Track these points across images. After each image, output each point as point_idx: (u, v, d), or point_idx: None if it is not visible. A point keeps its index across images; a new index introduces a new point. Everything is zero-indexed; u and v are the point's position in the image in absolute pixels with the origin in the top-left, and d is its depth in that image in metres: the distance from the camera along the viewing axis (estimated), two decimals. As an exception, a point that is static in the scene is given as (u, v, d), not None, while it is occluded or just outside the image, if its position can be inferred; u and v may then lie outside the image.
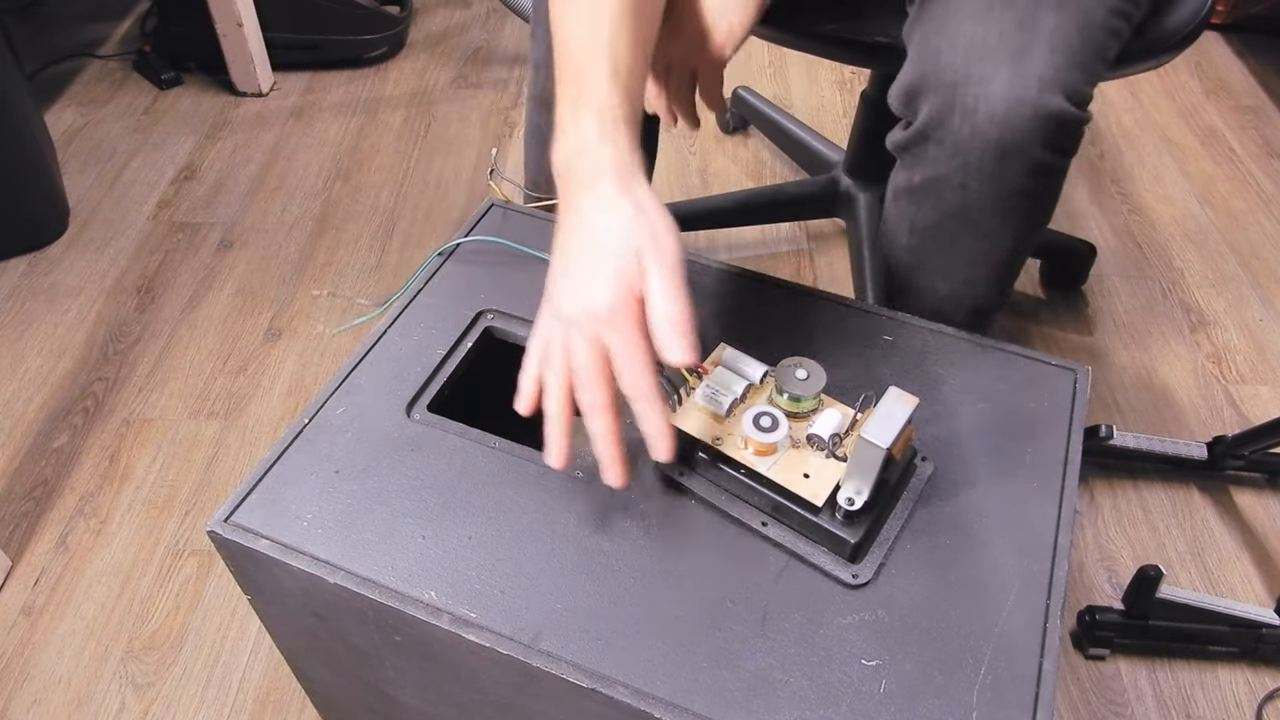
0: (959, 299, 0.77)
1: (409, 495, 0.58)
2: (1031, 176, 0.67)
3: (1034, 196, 0.70)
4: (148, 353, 1.20)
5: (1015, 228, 0.71)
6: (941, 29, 0.66)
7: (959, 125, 0.66)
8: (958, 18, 0.66)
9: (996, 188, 0.68)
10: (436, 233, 1.38)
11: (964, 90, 0.65)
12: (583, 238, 0.55)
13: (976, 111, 0.65)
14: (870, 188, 1.24)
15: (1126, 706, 0.88)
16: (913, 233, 0.76)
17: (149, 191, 1.45)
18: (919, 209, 0.74)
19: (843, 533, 0.54)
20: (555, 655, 0.51)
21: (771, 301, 0.71)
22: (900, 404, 0.53)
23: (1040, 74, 0.63)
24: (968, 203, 0.70)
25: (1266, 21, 1.77)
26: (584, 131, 0.56)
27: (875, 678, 0.50)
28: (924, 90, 0.67)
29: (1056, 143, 0.66)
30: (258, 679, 0.89)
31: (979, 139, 0.66)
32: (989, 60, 0.64)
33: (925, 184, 0.71)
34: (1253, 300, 1.29)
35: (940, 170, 0.69)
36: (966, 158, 0.67)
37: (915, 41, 0.69)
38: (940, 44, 0.66)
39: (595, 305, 0.53)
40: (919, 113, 0.69)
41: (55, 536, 1.00)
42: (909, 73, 0.69)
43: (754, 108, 1.50)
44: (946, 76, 0.65)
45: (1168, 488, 1.06)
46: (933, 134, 0.68)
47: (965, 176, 0.68)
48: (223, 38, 1.57)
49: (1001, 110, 0.64)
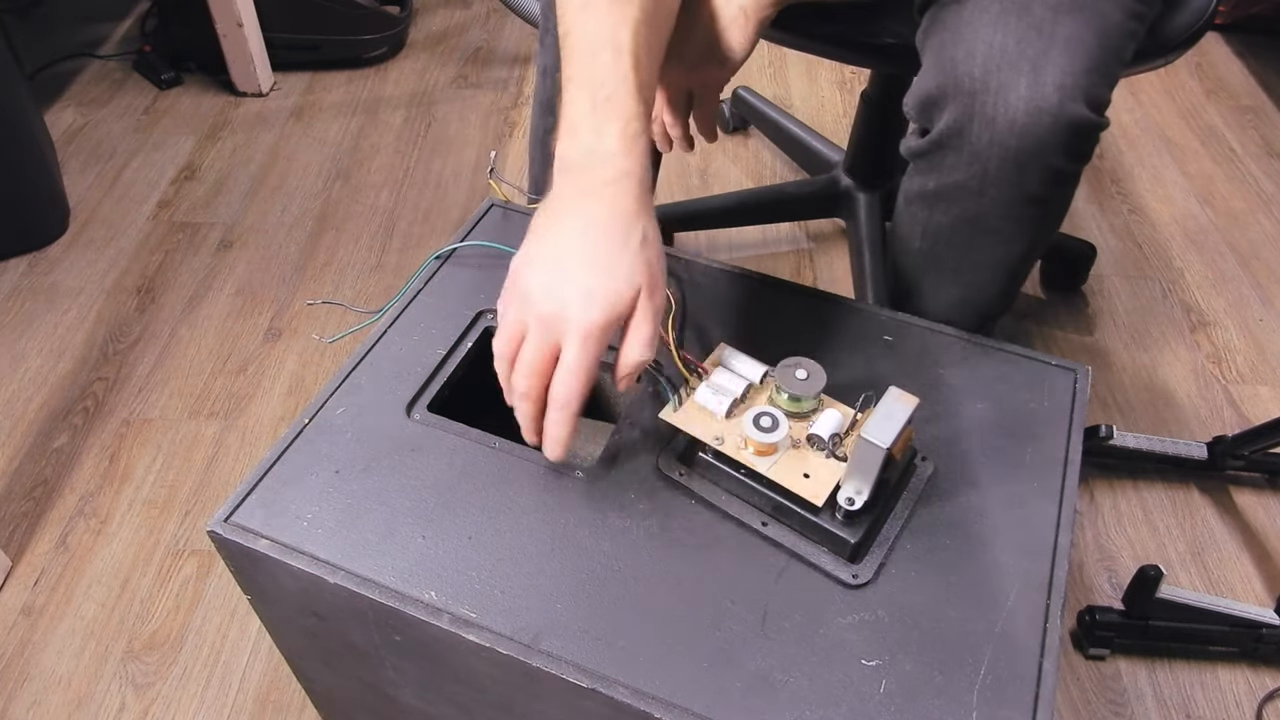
0: (968, 304, 0.77)
1: (409, 495, 0.58)
2: (1048, 184, 0.67)
3: (1049, 203, 0.70)
4: (148, 353, 1.20)
5: (1029, 234, 0.71)
6: (958, 38, 0.66)
7: (978, 134, 0.66)
8: (974, 26, 0.65)
9: (1013, 195, 0.68)
10: (436, 233, 1.38)
11: (983, 99, 0.64)
12: (586, 243, 0.55)
13: (996, 120, 0.64)
14: (870, 188, 1.24)
15: (1126, 706, 0.88)
16: (925, 237, 0.76)
17: (149, 191, 1.45)
18: (933, 214, 0.74)
19: (843, 533, 0.54)
20: (555, 655, 0.51)
21: (771, 301, 0.71)
22: (900, 404, 0.53)
23: (1060, 82, 0.63)
24: (984, 209, 0.70)
25: (1266, 21, 1.77)
26: (605, 137, 0.56)
27: (875, 678, 0.50)
28: (942, 99, 0.67)
29: (1075, 149, 0.65)
30: (258, 679, 0.89)
31: (998, 147, 0.65)
32: (1007, 69, 0.63)
33: (941, 190, 0.71)
34: (1253, 300, 1.29)
35: (957, 177, 0.69)
36: (985, 165, 0.67)
37: (931, 50, 0.69)
38: (957, 53, 0.66)
39: (574, 317, 0.53)
40: (937, 121, 0.68)
41: (55, 536, 1.00)
42: (926, 81, 0.69)
43: (754, 108, 1.50)
44: (965, 85, 0.65)
45: (1168, 488, 1.06)
46: (950, 142, 0.68)
47: (983, 184, 0.68)
48: (223, 38, 1.57)
49: (1022, 119, 0.64)
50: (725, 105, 1.56)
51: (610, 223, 0.55)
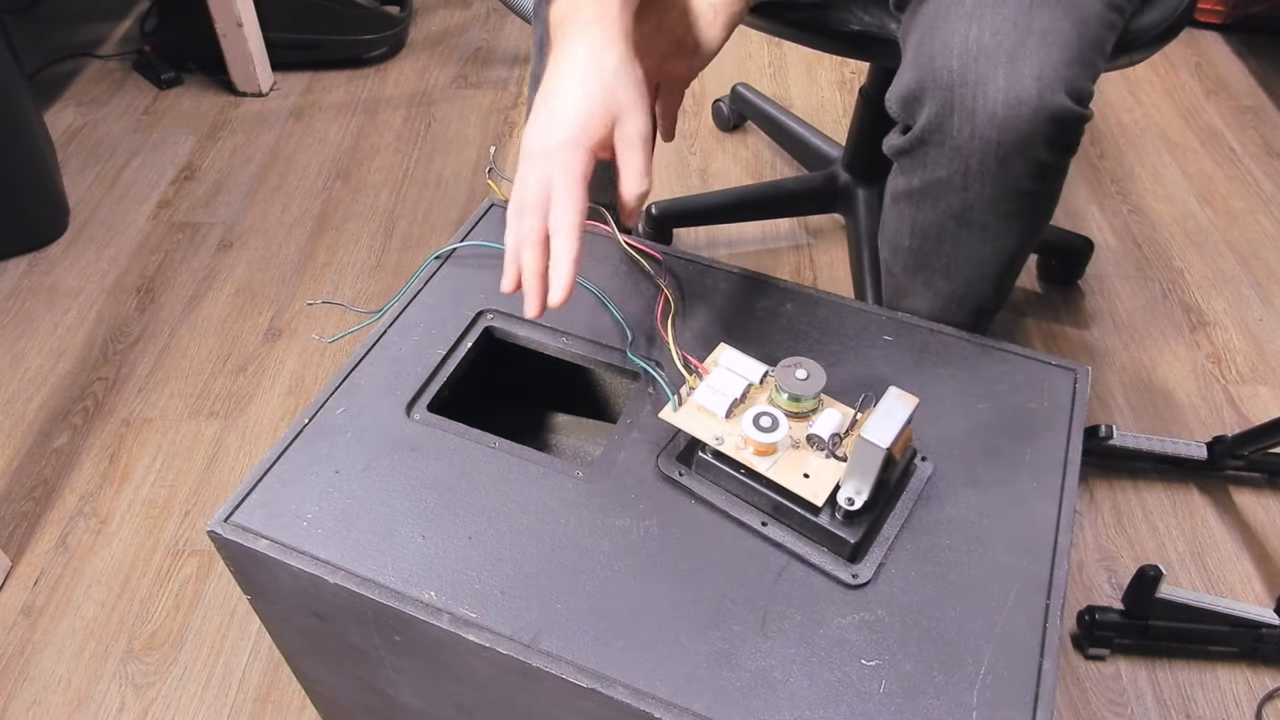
0: (961, 300, 0.77)
1: (409, 495, 0.58)
2: (1033, 176, 0.67)
3: (1036, 196, 0.70)
4: (148, 353, 1.20)
5: (1018, 228, 0.71)
6: (935, 32, 0.66)
7: (959, 128, 0.66)
8: (949, 20, 0.65)
9: (998, 189, 0.68)
10: (436, 233, 1.38)
11: (961, 92, 0.65)
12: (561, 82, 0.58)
13: (976, 113, 0.64)
14: (869, 184, 1.24)
15: (1126, 706, 0.88)
16: (914, 235, 0.76)
17: (149, 191, 1.45)
18: (919, 212, 0.74)
19: (843, 533, 0.54)
20: (555, 655, 0.51)
21: (771, 301, 0.71)
22: (900, 404, 0.53)
23: (1038, 73, 0.63)
24: (969, 204, 0.70)
25: (1266, 21, 1.77)
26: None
27: (875, 678, 0.50)
28: (921, 95, 0.67)
29: (1057, 141, 0.65)
30: (258, 679, 0.89)
31: (979, 140, 0.65)
32: (984, 61, 0.64)
33: (926, 187, 0.71)
34: (1253, 300, 1.29)
35: (940, 173, 0.69)
36: (968, 160, 0.67)
37: (910, 45, 0.69)
38: (934, 48, 0.66)
39: (550, 141, 0.57)
40: (918, 117, 0.68)
41: (55, 536, 1.00)
42: (905, 78, 0.69)
43: (753, 104, 1.50)
44: (943, 79, 0.65)
45: (1168, 488, 1.06)
46: (931, 138, 0.68)
47: (966, 179, 0.68)
48: (223, 38, 1.57)
49: (1001, 111, 0.64)
50: (723, 103, 1.56)
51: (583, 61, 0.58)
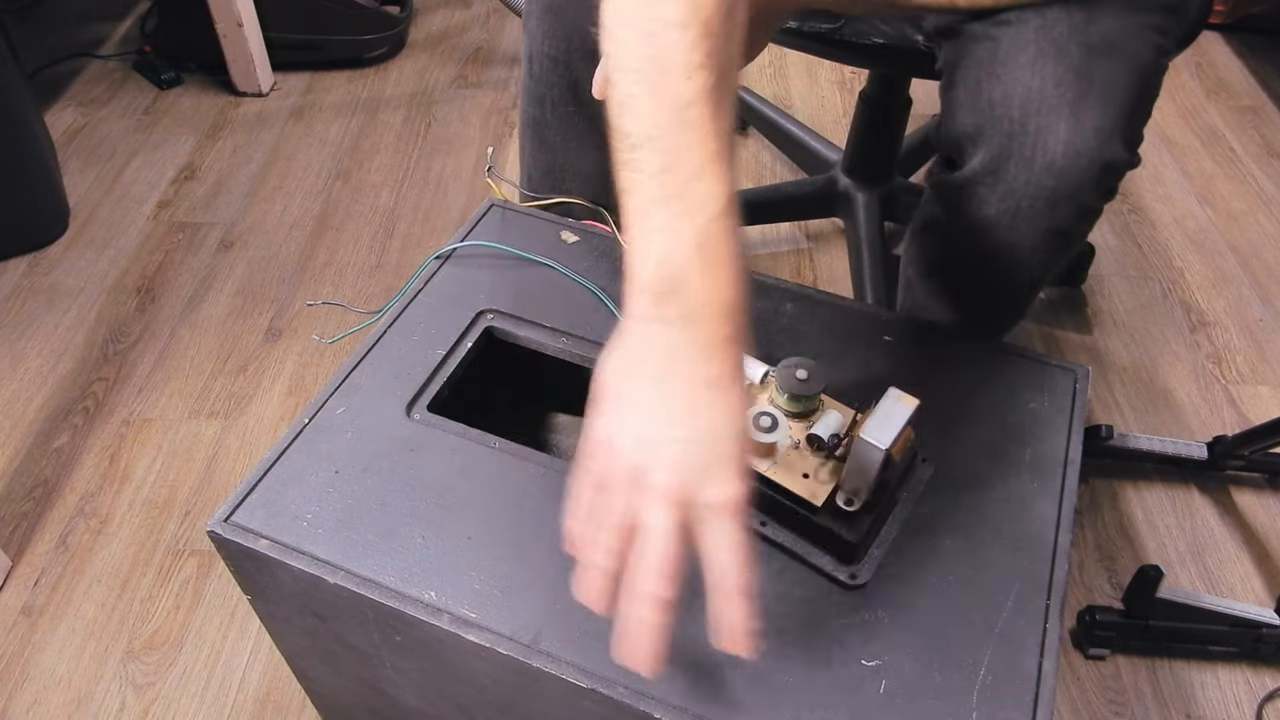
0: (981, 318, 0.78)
1: (409, 495, 0.58)
2: (1077, 219, 0.69)
3: (1074, 236, 0.71)
4: (148, 353, 1.20)
5: (1050, 263, 0.72)
6: (994, 78, 0.66)
7: (1015, 173, 0.66)
8: (1010, 66, 0.65)
9: (1043, 229, 0.69)
10: (436, 233, 1.38)
11: (1021, 140, 0.65)
12: (691, 389, 0.44)
13: (1034, 161, 0.65)
14: (869, 187, 1.24)
15: (1126, 706, 0.88)
16: (948, 265, 0.77)
17: (149, 191, 1.45)
18: (958, 244, 0.74)
19: (842, 533, 0.54)
20: (555, 655, 0.51)
21: (771, 301, 0.71)
22: (900, 404, 0.53)
23: (1099, 125, 0.63)
24: (1013, 243, 0.70)
25: (1266, 21, 1.77)
26: (683, 235, 0.43)
27: (875, 678, 0.50)
28: (978, 138, 0.67)
29: (1106, 188, 0.67)
30: (258, 679, 0.89)
31: (1034, 186, 0.66)
32: (1047, 112, 0.64)
33: (970, 223, 0.71)
34: (1253, 300, 1.29)
35: (989, 212, 0.69)
36: (1019, 202, 0.67)
37: (965, 85, 0.68)
38: (994, 93, 0.66)
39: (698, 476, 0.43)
40: (970, 157, 0.69)
41: (55, 536, 1.00)
42: (962, 119, 0.69)
43: (752, 108, 1.50)
44: (1003, 126, 0.65)
45: (1168, 488, 1.06)
46: (984, 179, 0.68)
47: (1015, 219, 0.68)
48: (223, 38, 1.57)
49: (1060, 161, 0.64)
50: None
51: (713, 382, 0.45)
